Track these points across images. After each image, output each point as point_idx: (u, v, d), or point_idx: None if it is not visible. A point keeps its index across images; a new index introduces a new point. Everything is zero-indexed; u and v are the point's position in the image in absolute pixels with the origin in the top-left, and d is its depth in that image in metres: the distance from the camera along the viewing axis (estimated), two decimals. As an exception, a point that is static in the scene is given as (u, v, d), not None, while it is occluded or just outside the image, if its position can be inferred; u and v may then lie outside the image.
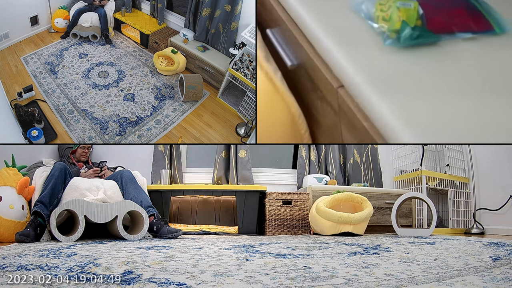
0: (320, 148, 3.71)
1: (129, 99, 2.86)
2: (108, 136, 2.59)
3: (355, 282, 0.92)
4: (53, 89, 2.85)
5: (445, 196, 3.47)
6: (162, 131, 2.70)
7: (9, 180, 2.20)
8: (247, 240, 2.28)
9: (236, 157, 3.46)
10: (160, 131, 2.69)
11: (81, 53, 3.23)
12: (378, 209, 3.14)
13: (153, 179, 3.38)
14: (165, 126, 2.73)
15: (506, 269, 1.10)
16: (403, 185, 3.59)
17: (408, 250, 1.62)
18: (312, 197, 3.04)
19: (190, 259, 1.32)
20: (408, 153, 3.69)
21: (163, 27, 3.46)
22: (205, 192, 3.08)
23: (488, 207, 3.23)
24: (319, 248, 1.71)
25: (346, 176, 3.69)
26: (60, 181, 2.26)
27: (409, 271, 1.08)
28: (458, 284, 0.91)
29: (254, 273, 1.04)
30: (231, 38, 3.11)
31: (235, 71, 2.80)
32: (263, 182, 3.56)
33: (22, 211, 2.16)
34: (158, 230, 2.34)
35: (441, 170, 3.66)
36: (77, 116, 2.68)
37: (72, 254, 1.39)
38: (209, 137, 2.73)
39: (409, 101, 0.91)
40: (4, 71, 2.93)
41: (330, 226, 2.64)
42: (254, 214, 3.01)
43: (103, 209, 2.13)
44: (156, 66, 3.14)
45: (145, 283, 0.90)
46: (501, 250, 1.56)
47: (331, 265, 1.20)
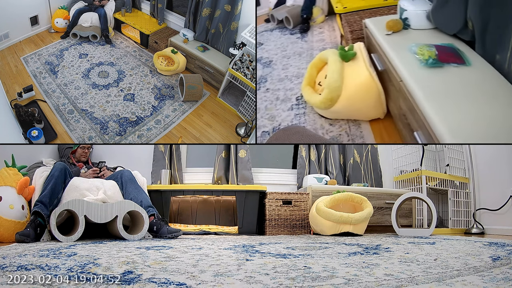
0: (320, 148, 3.71)
1: (129, 99, 2.86)
2: (108, 136, 2.59)
3: (355, 282, 0.92)
4: (53, 89, 2.85)
5: (445, 196, 3.47)
6: (162, 131, 2.70)
7: (9, 180, 2.20)
8: (247, 240, 2.28)
9: (236, 157, 3.46)
10: (160, 131, 2.69)
11: (81, 53, 3.23)
12: (378, 209, 3.14)
13: (153, 179, 3.38)
14: (165, 126, 2.73)
15: (506, 269, 1.10)
16: (403, 185, 3.59)
17: (408, 250, 1.62)
18: (312, 197, 3.04)
19: (190, 259, 1.32)
20: (408, 153, 3.69)
21: (163, 27, 3.46)
22: (205, 192, 3.08)
23: (488, 207, 3.23)
24: (319, 248, 1.71)
25: (346, 176, 3.69)
26: (60, 181, 2.26)
27: (409, 271, 1.08)
28: (458, 284, 0.91)
29: (254, 273, 1.04)
30: (231, 38, 3.11)
31: (235, 71, 2.80)
32: (263, 182, 3.56)
33: (22, 211, 2.16)
34: (158, 230, 2.34)
35: (441, 170, 3.66)
36: (77, 116, 2.68)
37: (72, 254, 1.39)
38: (209, 137, 2.73)
39: (447, 103, 1.65)
40: (4, 71, 2.93)
41: (330, 226, 2.64)
42: (254, 214, 3.01)
43: (103, 209, 2.13)
44: (156, 66, 3.14)
45: (145, 283, 0.90)
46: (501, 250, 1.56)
47: (331, 265, 1.20)
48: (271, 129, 2.33)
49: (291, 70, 2.59)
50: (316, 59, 2.32)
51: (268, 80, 2.59)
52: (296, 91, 2.43)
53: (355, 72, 2.12)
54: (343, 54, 2.16)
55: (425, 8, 2.12)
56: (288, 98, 2.41)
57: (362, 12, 2.69)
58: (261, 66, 2.76)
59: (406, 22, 2.17)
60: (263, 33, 3.12)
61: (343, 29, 2.77)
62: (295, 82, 2.49)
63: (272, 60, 2.76)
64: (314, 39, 3.00)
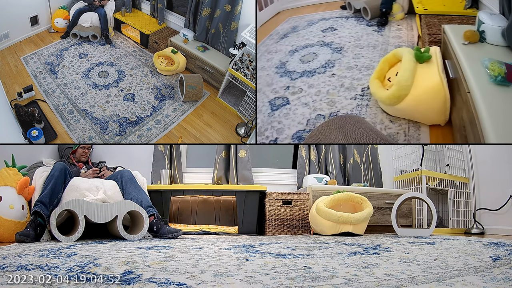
0: (320, 148, 3.71)
1: (129, 99, 2.86)
2: (108, 136, 2.59)
3: (355, 282, 0.92)
4: (53, 89, 2.86)
5: (445, 196, 3.47)
6: (162, 131, 2.70)
7: (9, 180, 2.20)
8: (247, 240, 2.28)
9: (236, 157, 3.46)
10: (160, 131, 2.69)
11: (81, 53, 3.23)
12: (378, 209, 3.14)
13: (153, 179, 3.38)
14: (165, 126, 2.73)
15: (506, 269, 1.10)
16: (403, 185, 3.59)
17: (408, 250, 1.62)
18: (312, 197, 3.04)
19: (190, 259, 1.32)
20: (408, 153, 3.69)
21: (163, 27, 3.46)
22: (205, 192, 3.08)
23: (488, 207, 3.23)
24: (319, 248, 1.71)
25: (346, 176, 3.69)
26: (60, 181, 2.26)
27: (409, 271, 1.08)
28: (458, 284, 0.91)
29: (254, 273, 1.04)
30: (231, 38, 3.11)
31: (235, 71, 2.80)
32: (263, 182, 3.56)
33: (22, 211, 2.16)
34: (158, 230, 2.34)
35: (441, 170, 3.66)
36: (77, 116, 2.68)
37: (72, 254, 1.39)
38: (209, 137, 2.73)
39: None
40: (4, 71, 2.93)
41: (330, 226, 2.64)
42: (254, 214, 3.01)
43: (103, 209, 2.13)
44: (156, 66, 3.14)
45: (145, 283, 0.90)
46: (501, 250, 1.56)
47: (331, 265, 1.20)
48: (328, 114, 2.33)
49: (362, 60, 2.59)
50: (390, 55, 2.33)
51: (336, 66, 2.59)
52: (363, 81, 2.43)
53: (426, 75, 2.13)
54: (418, 55, 2.17)
55: (501, 24, 2.13)
56: (353, 87, 2.41)
57: (441, 16, 2.70)
58: (331, 50, 2.76)
59: (482, 35, 2.17)
60: (337, 18, 3.13)
61: (421, 30, 2.78)
62: (364, 73, 2.49)
63: (343, 47, 2.77)
64: (390, 34, 2.98)
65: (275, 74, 2.80)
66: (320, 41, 2.93)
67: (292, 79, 2.67)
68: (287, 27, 3.37)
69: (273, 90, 2.64)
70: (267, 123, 2.46)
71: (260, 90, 2.71)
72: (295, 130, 2.33)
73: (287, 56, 2.95)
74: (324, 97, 2.43)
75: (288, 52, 2.99)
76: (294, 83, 2.63)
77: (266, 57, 3.05)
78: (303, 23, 3.30)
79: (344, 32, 2.98)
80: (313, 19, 3.27)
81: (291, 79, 2.67)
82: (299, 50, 2.95)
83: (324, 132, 2.11)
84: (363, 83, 2.45)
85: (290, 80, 2.67)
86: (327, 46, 2.84)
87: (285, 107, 2.49)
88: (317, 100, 2.43)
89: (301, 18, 3.41)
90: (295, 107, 2.46)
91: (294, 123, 2.37)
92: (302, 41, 3.03)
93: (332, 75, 2.55)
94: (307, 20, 3.28)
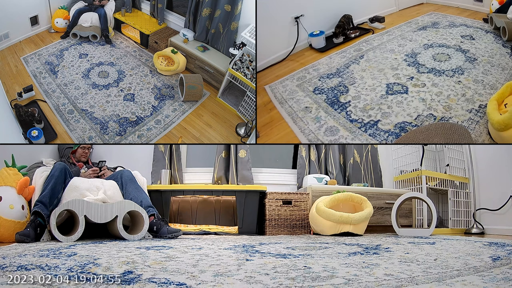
0: (320, 148, 3.71)
1: (129, 99, 2.87)
2: (108, 136, 2.59)
3: (355, 282, 0.92)
4: (53, 89, 2.86)
5: (445, 196, 3.47)
6: (162, 131, 2.70)
7: (9, 180, 2.20)
8: (247, 240, 2.28)
9: (236, 157, 3.46)
10: (160, 131, 2.69)
11: (81, 53, 3.23)
12: (378, 209, 3.14)
13: (153, 179, 3.38)
14: (165, 126, 2.73)
15: (506, 269, 1.10)
16: (403, 185, 3.59)
17: (408, 250, 1.62)
18: (312, 197, 3.04)
19: (190, 259, 1.32)
20: (408, 153, 3.69)
21: (163, 27, 3.46)
22: (205, 192, 3.08)
23: (488, 207, 3.23)
24: (319, 248, 1.71)
25: (346, 176, 3.69)
26: (60, 181, 2.26)
27: (409, 271, 1.08)
28: (458, 284, 0.91)
29: (254, 273, 1.04)
30: (231, 38, 3.11)
31: (235, 71, 2.80)
32: (263, 182, 3.56)
33: (22, 211, 2.16)
34: (158, 230, 2.34)
35: (441, 170, 3.66)
36: (77, 116, 2.68)
37: (72, 254, 1.39)
38: (209, 137, 2.73)
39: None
40: (4, 71, 2.93)
41: (330, 226, 2.64)
42: (254, 214, 3.01)
43: (103, 209, 2.13)
44: (156, 66, 3.14)
45: (145, 283, 0.90)
46: (501, 250, 1.56)
47: (331, 265, 1.20)
48: (440, 116, 2.39)
49: (489, 78, 2.67)
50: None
51: (465, 75, 2.68)
52: (483, 98, 2.48)
53: None
54: None
55: None
56: (473, 100, 2.47)
57: None
58: (465, 58, 2.85)
59: None
60: (478, 29, 3.22)
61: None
62: (487, 91, 2.56)
63: (476, 59, 2.84)
64: (522, 61, 3.05)
65: (403, 60, 2.92)
66: (457, 45, 3.01)
67: (419, 71, 2.76)
68: (428, 20, 3.47)
69: (395, 75, 2.75)
70: (376, 103, 2.52)
71: (382, 70, 2.80)
72: (401, 120, 2.38)
73: (421, 48, 3.05)
74: (443, 100, 2.49)
75: (423, 45, 3.08)
76: (420, 76, 2.71)
77: (399, 42, 3.17)
78: (444, 22, 3.39)
79: (481, 44, 3.05)
80: (455, 22, 3.35)
81: (418, 72, 2.76)
82: (434, 46, 3.04)
83: (430, 132, 2.17)
84: (482, 99, 2.50)
85: (416, 72, 2.76)
86: (462, 52, 2.92)
87: (401, 95, 2.56)
88: (435, 100, 2.49)
89: (444, 16, 3.49)
90: (411, 98, 2.52)
91: (404, 113, 2.42)
92: (440, 39, 3.12)
93: (458, 82, 2.63)
94: (449, 21, 3.38)
